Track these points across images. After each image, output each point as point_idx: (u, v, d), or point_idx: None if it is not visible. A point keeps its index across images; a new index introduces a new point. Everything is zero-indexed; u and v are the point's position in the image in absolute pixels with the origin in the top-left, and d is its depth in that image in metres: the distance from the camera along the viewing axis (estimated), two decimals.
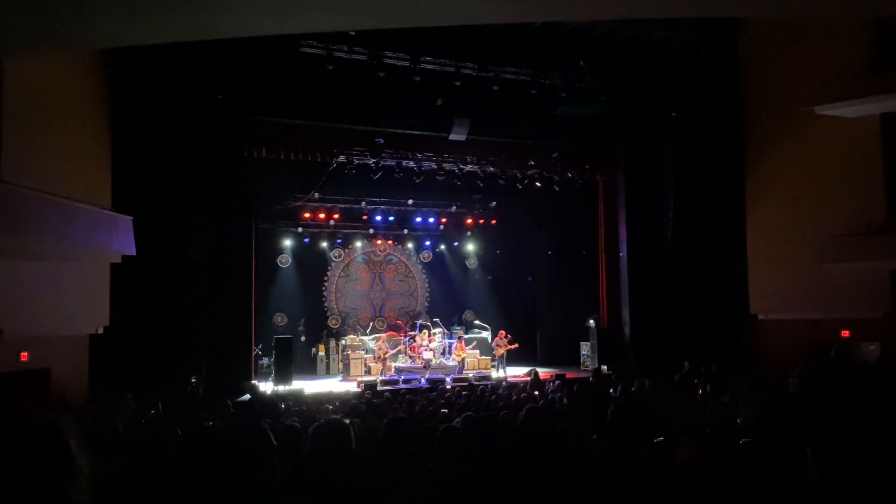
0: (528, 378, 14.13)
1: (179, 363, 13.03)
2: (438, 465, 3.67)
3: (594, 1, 6.28)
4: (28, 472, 1.80)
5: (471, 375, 16.93)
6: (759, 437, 2.25)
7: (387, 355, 17.25)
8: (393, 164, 17.06)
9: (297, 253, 21.54)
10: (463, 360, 17.85)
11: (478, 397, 10.98)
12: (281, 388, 15.07)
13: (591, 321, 19.72)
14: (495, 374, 17.93)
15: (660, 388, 11.44)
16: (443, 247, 23.61)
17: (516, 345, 18.44)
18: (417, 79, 15.15)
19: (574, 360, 19.86)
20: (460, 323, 22.23)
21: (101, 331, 12.73)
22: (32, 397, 10.34)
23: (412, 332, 19.70)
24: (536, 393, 11.70)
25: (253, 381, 14.56)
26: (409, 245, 23.21)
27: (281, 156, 15.84)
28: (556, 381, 13.29)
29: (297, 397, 12.97)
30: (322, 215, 20.87)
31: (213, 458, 2.14)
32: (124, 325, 12.89)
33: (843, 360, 14.09)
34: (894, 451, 1.46)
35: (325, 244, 21.82)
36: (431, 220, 22.42)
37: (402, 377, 16.80)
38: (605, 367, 17.13)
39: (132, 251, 12.40)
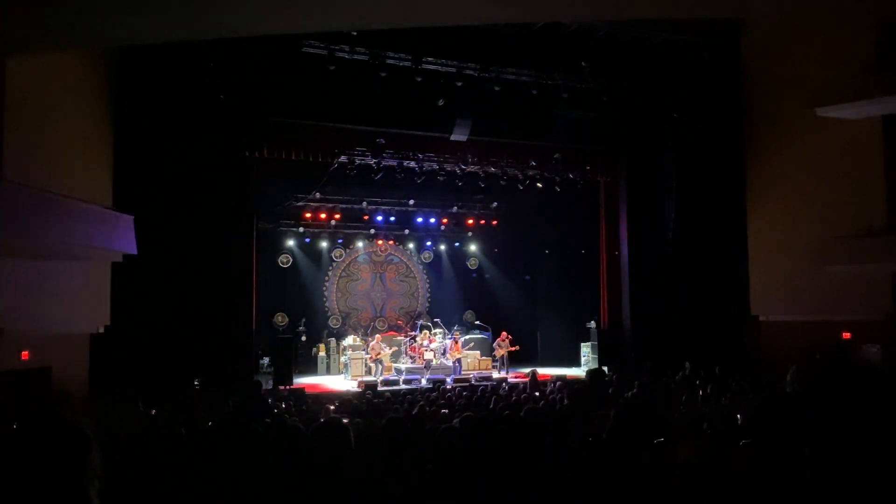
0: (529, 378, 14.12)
1: (181, 363, 13.02)
2: (438, 466, 3.67)
3: (595, 2, 6.29)
4: (51, 465, 1.82)
5: (472, 376, 16.92)
6: (757, 438, 2.26)
7: (379, 355, 17.21)
8: (394, 164, 17.05)
9: (299, 253, 21.54)
10: (458, 360, 17.79)
11: (478, 398, 10.97)
12: (281, 388, 15.05)
13: (592, 322, 19.71)
14: (496, 374, 17.91)
15: (660, 388, 11.44)
16: (444, 247, 23.60)
17: (517, 347, 18.42)
18: (419, 79, 15.16)
19: (575, 360, 19.85)
20: (461, 323, 22.21)
21: (101, 330, 12.73)
22: (33, 396, 10.35)
23: (413, 333, 19.69)
24: (537, 394, 11.69)
25: (257, 380, 14.51)
26: (411, 245, 23.20)
27: (282, 155, 15.85)
28: (558, 382, 13.27)
29: (297, 397, 12.97)
30: (323, 215, 20.86)
31: (206, 457, 2.15)
32: (125, 324, 12.90)
33: (841, 363, 14.09)
34: (892, 452, 1.46)
35: (326, 244, 21.82)
36: (433, 220, 22.39)
37: (403, 377, 16.79)
38: (605, 368, 17.10)
39: (133, 250, 12.40)
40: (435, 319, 20.82)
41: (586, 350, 19.60)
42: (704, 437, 5.61)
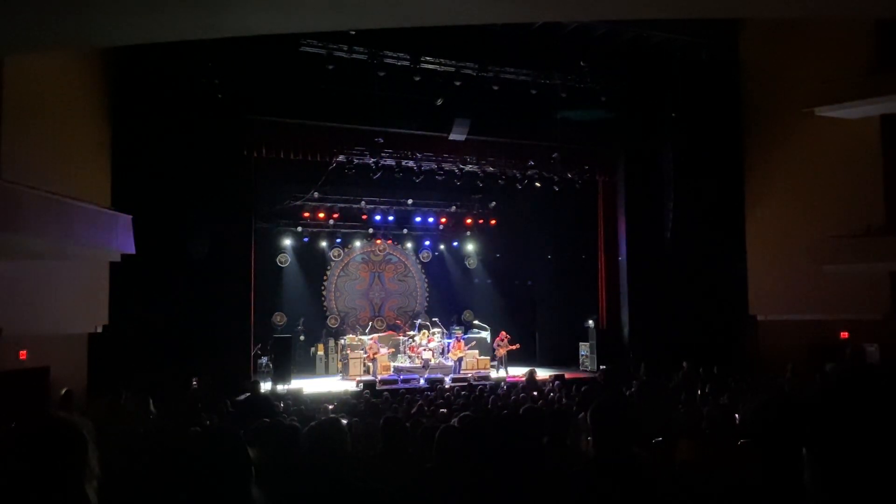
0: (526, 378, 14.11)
1: (179, 362, 13.01)
2: (436, 465, 3.67)
3: (595, 1, 6.29)
4: (49, 465, 1.82)
5: (470, 375, 16.92)
6: (756, 438, 2.26)
7: (376, 355, 17.22)
8: (392, 163, 17.06)
9: (297, 252, 21.52)
10: (460, 359, 17.84)
11: (476, 397, 10.97)
12: (280, 388, 15.04)
13: (591, 322, 19.70)
14: (495, 374, 17.92)
15: (658, 388, 11.43)
16: (442, 247, 23.60)
17: (517, 345, 18.43)
18: (417, 78, 15.16)
19: (573, 360, 19.85)
20: (459, 323, 22.21)
21: (100, 330, 12.73)
22: (31, 396, 10.34)
23: (411, 332, 19.69)
24: (535, 393, 11.69)
25: (255, 379, 14.54)
26: (409, 245, 23.19)
27: (281, 155, 15.83)
28: (556, 382, 13.27)
29: (295, 397, 12.96)
30: (321, 215, 20.86)
31: (191, 464, 2.16)
32: (123, 324, 12.90)
33: (857, 364, 14.08)
34: (891, 452, 1.46)
35: (324, 244, 21.81)
36: (431, 219, 22.40)
37: (401, 377, 16.79)
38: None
39: (132, 250, 12.39)
40: (433, 319, 20.83)
41: (585, 350, 19.60)
42: (703, 437, 5.61)
